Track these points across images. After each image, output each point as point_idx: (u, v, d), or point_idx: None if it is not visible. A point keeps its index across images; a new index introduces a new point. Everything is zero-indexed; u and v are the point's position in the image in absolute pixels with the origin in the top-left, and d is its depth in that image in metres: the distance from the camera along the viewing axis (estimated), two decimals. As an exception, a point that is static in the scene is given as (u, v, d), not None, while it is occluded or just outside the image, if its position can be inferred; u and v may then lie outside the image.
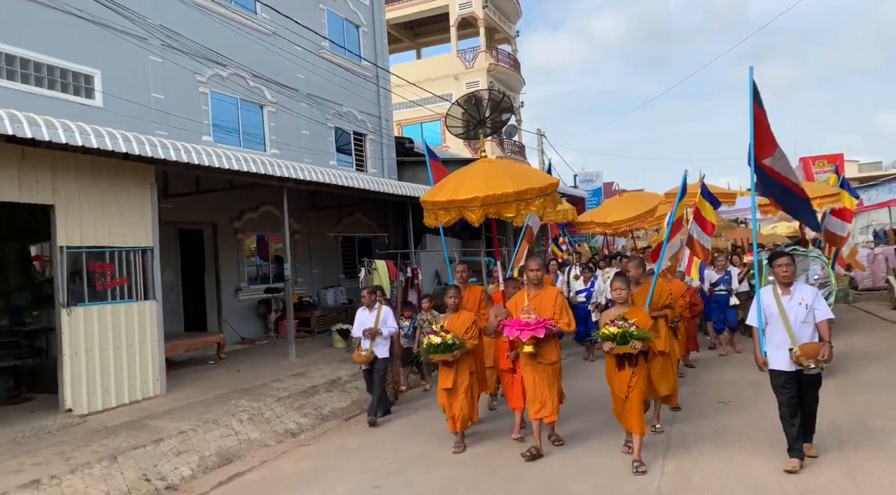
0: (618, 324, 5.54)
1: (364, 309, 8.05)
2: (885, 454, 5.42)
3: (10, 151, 6.80)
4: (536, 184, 6.52)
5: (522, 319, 5.86)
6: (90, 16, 10.71)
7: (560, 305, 6.08)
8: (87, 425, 7.12)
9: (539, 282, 6.23)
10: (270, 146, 14.64)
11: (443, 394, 6.54)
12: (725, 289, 10.89)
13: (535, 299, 6.06)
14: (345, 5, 17.75)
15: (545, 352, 5.99)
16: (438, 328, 6.50)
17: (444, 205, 6.59)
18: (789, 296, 5.37)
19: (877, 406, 6.92)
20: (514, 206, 6.43)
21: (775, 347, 5.37)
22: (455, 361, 6.43)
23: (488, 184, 6.40)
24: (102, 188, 7.82)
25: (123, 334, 7.94)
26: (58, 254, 7.30)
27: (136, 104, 11.42)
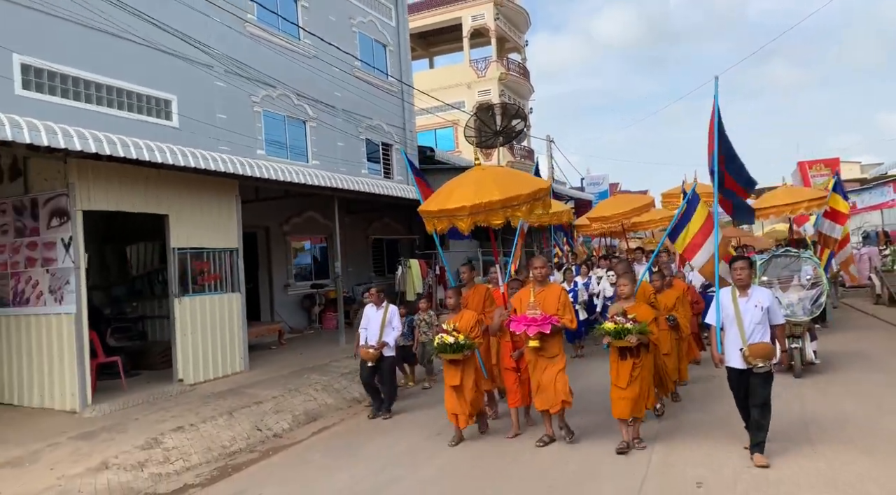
0: (616, 319, 5.91)
1: (371, 305, 8.30)
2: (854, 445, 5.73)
3: (140, 172, 8.52)
4: (524, 190, 6.68)
5: (528, 315, 6.10)
6: (169, 48, 12.41)
7: (563, 302, 6.28)
8: (197, 391, 8.85)
9: (544, 280, 6.47)
10: (312, 157, 16.35)
11: (450, 391, 6.67)
12: None
13: (540, 295, 6.26)
14: (374, 27, 19.45)
15: (549, 347, 6.20)
16: (451, 328, 6.61)
17: (435, 214, 6.86)
18: (746, 299, 5.59)
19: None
20: (500, 213, 6.61)
21: (730, 346, 5.62)
22: (463, 360, 6.62)
23: (477, 192, 6.61)
24: (201, 200, 9.55)
25: (217, 320, 9.66)
26: (171, 254, 9.01)
27: (204, 124, 13.13)
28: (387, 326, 8.03)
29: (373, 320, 8.14)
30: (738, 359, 5.50)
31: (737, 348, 5.51)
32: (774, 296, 5.93)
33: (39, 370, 7.96)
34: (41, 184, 7.99)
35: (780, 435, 5.88)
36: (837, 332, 12.00)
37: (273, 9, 15.18)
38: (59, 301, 7.77)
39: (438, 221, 6.89)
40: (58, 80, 10.44)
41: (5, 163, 8.25)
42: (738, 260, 5.81)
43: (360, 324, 8.45)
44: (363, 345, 8.09)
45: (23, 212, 8.12)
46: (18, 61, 9.88)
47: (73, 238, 7.69)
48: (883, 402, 7.15)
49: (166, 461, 6.55)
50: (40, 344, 7.97)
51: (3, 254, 8.34)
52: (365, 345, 8.05)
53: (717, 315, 5.76)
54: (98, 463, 6.27)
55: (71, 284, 7.70)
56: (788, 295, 9.27)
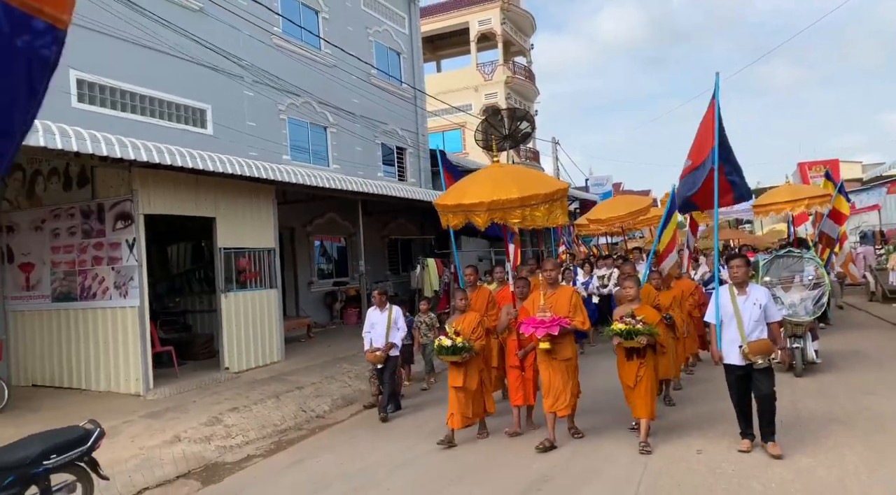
0: (625, 320, 5.97)
1: (375, 309, 8.31)
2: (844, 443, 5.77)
3: (190, 179, 9.40)
4: (542, 189, 6.61)
5: (538, 317, 6.12)
6: (204, 61, 13.30)
7: (575, 304, 6.29)
8: (242, 378, 9.74)
9: (555, 282, 6.47)
10: (332, 161, 17.23)
11: (451, 392, 6.67)
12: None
13: (550, 298, 6.27)
14: (389, 36, 20.32)
15: (560, 349, 6.18)
16: (452, 331, 6.62)
17: (451, 208, 6.77)
18: (745, 297, 5.67)
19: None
20: (518, 212, 6.50)
21: (729, 343, 5.69)
22: (465, 362, 6.61)
23: (495, 189, 6.54)
24: (243, 203, 10.42)
25: (257, 314, 10.54)
26: (218, 253, 9.89)
27: (235, 131, 14.01)
28: (392, 327, 8.09)
29: (377, 323, 8.17)
30: (736, 356, 5.57)
31: (735, 345, 5.58)
32: (771, 294, 5.97)
33: (106, 357, 8.84)
34: (107, 190, 8.88)
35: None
36: (839, 332, 12.06)
37: (297, 21, 16.06)
38: (124, 295, 8.66)
39: (453, 216, 6.80)
40: (107, 93, 11.33)
41: (74, 171, 9.13)
42: (734, 258, 5.93)
43: (363, 329, 8.52)
44: (369, 349, 8.13)
45: (89, 216, 9.00)
46: (75, 77, 10.78)
47: (137, 239, 8.57)
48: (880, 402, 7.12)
49: (228, 436, 7.43)
50: (106, 334, 8.85)
51: (71, 254, 9.23)
52: (371, 349, 8.07)
53: (716, 313, 5.83)
54: (171, 436, 7.16)
55: (135, 280, 8.58)
56: (790, 295, 9.26)
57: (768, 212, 14.83)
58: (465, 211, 6.66)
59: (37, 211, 9.52)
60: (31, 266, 9.53)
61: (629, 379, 6.08)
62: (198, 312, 12.06)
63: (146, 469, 6.40)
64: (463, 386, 6.58)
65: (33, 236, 9.54)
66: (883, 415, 6.60)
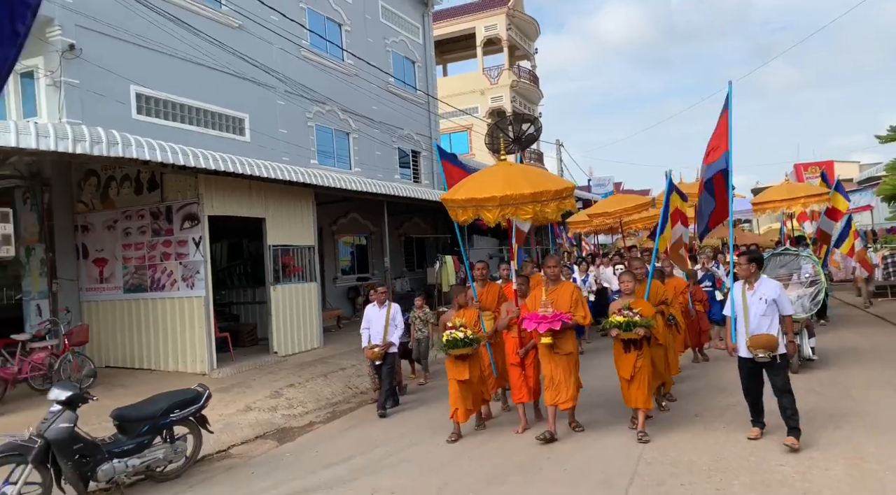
0: (624, 313, 6.18)
1: (374, 305, 8.37)
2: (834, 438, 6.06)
3: (245, 184, 10.60)
4: (552, 186, 6.74)
5: (540, 313, 6.20)
6: (241, 74, 14.47)
7: (576, 299, 6.40)
8: (289, 361, 10.94)
9: (556, 278, 6.56)
10: (354, 165, 18.43)
11: (455, 386, 6.69)
12: (711, 285, 11.14)
13: (552, 294, 6.37)
14: (405, 46, 21.51)
15: (561, 344, 6.27)
16: (459, 324, 6.67)
17: (462, 203, 6.75)
18: (752, 292, 5.90)
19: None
20: (530, 207, 6.54)
21: (739, 337, 5.95)
22: (470, 355, 6.67)
23: (507, 185, 6.57)
24: (287, 205, 11.62)
25: (300, 304, 11.74)
26: (267, 250, 11.08)
27: (269, 137, 15.20)
28: (390, 325, 8.15)
29: (375, 320, 8.23)
30: (745, 348, 5.83)
31: (743, 339, 5.85)
32: (782, 288, 6.07)
33: (174, 341, 10.04)
34: (174, 194, 10.07)
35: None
36: (836, 329, 12.21)
37: (322, 34, 17.24)
38: (191, 287, 9.85)
39: (463, 211, 6.77)
40: (161, 105, 12.52)
41: (144, 177, 10.32)
42: (739, 256, 6.22)
43: (361, 326, 8.54)
44: (367, 346, 8.20)
45: (158, 216, 10.20)
46: (134, 91, 11.96)
47: (202, 237, 9.77)
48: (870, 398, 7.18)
49: (290, 406, 8.64)
50: (174, 321, 10.05)
51: (141, 250, 10.42)
52: (370, 345, 8.14)
53: (731, 307, 6.06)
54: (243, 406, 8.36)
55: (200, 274, 9.78)
56: (788, 292, 8.71)
57: (765, 209, 14.99)
58: (476, 206, 6.64)
59: (109, 212, 10.71)
60: (105, 261, 10.73)
61: (626, 372, 6.22)
62: (241, 304, 13.26)
63: (229, 431, 7.59)
64: (468, 379, 6.65)
65: (106, 234, 10.74)
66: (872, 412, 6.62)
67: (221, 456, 6.99)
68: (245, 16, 14.26)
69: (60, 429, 5.31)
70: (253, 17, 14.31)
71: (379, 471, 5.99)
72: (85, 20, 11.08)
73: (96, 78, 11.09)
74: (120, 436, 5.84)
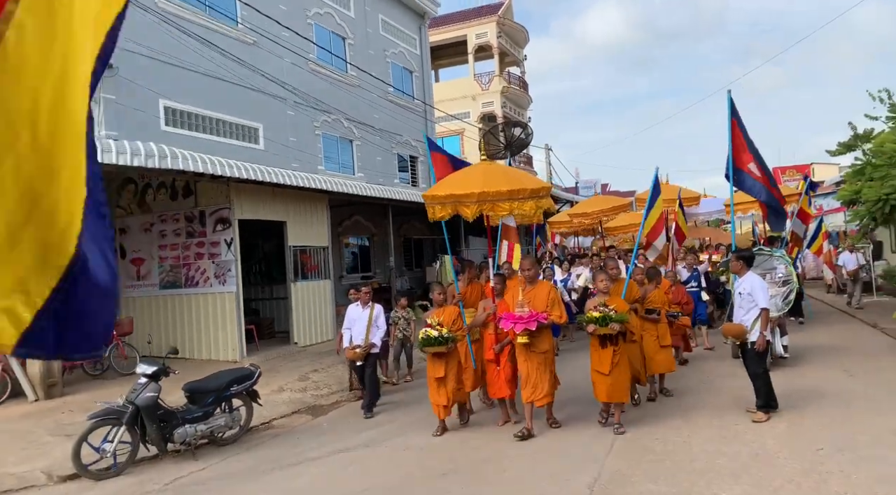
0: (600, 309, 6.40)
1: (356, 305, 8.26)
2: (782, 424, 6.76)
3: (269, 191, 11.73)
4: (529, 185, 7.04)
5: (516, 313, 6.34)
6: (255, 86, 15.57)
7: (552, 299, 6.56)
8: (309, 351, 12.08)
9: (533, 279, 6.69)
10: (357, 170, 19.58)
11: (433, 384, 6.85)
12: (697, 285, 11.24)
13: (529, 294, 6.50)
14: (403, 57, 22.69)
15: (538, 342, 6.43)
16: (435, 323, 6.79)
17: (442, 199, 6.95)
18: (737, 285, 6.76)
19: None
20: (507, 204, 6.81)
21: None
22: (447, 353, 6.82)
23: (486, 182, 6.84)
24: (304, 210, 12.75)
25: (316, 300, 12.88)
26: (288, 251, 12.21)
27: (281, 145, 16.31)
28: (373, 326, 8.06)
29: (358, 320, 8.13)
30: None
31: None
32: (759, 282, 6.73)
33: (207, 332, 11.14)
34: (207, 200, 11.18)
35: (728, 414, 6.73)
36: (810, 327, 12.55)
37: (328, 48, 18.38)
38: (223, 283, 10.97)
39: (442, 208, 6.95)
40: (185, 117, 13.61)
41: (179, 185, 11.42)
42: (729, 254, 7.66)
43: (343, 325, 8.50)
44: (348, 346, 8.12)
45: (192, 220, 11.30)
46: (162, 105, 13.05)
47: (234, 239, 10.89)
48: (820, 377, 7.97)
49: (317, 388, 9.78)
50: (207, 313, 11.15)
51: (176, 250, 11.52)
52: (351, 346, 8.05)
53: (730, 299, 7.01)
54: (276, 388, 9.51)
55: (232, 271, 10.90)
56: None
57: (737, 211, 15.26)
58: (455, 201, 6.85)
59: (146, 216, 11.81)
60: (142, 260, 11.82)
61: (603, 367, 6.40)
62: (259, 300, 14.38)
63: (269, 407, 8.71)
64: (444, 377, 6.80)
65: (143, 236, 11.83)
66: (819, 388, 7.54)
67: (265, 427, 8.12)
68: (259, 32, 15.37)
69: (147, 398, 6.45)
70: (265, 33, 15.41)
71: (407, 434, 7.16)
72: (120, 41, 12.13)
73: (129, 93, 12.17)
74: (190, 406, 6.97)
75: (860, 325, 13.25)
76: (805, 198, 13.20)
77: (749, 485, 4.92)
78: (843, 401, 7.16)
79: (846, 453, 5.46)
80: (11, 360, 8.76)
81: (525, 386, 6.52)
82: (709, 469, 5.35)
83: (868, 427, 6.15)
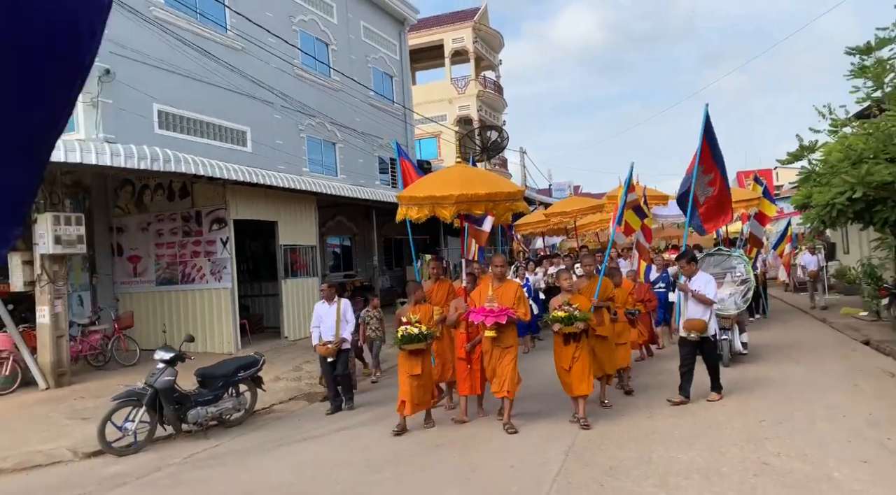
0: (564, 309, 6.65)
1: (323, 302, 8.27)
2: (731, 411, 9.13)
3: (261, 192, 12.35)
4: (505, 188, 7.32)
5: (486, 307, 6.60)
6: (244, 91, 16.14)
7: (519, 297, 6.83)
8: (298, 344, 12.72)
9: (502, 276, 6.98)
10: (340, 172, 20.22)
11: (407, 381, 6.89)
12: (665, 286, 11.43)
13: (498, 291, 6.75)
14: (384, 62, 23.38)
15: (504, 337, 6.72)
16: (414, 320, 6.87)
17: (420, 200, 7.13)
18: (690, 284, 7.47)
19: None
20: (483, 206, 7.10)
21: (680, 320, 7.49)
22: (423, 350, 6.96)
23: (463, 185, 7.06)
24: (294, 210, 13.40)
25: (304, 296, 13.52)
26: (279, 249, 12.85)
27: (268, 147, 16.89)
28: (342, 321, 8.11)
29: (326, 317, 8.14)
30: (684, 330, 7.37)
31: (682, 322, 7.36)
32: (708, 280, 7.51)
33: (203, 326, 11.73)
34: (204, 200, 11.77)
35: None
36: (765, 324, 13.31)
37: (312, 53, 19.00)
38: (219, 280, 11.57)
39: (419, 209, 7.11)
40: (177, 120, 14.14)
41: (176, 186, 11.99)
42: (680, 258, 7.78)
43: (311, 323, 8.44)
44: (319, 343, 8.12)
45: (189, 220, 11.88)
46: (156, 109, 13.57)
47: (229, 238, 11.50)
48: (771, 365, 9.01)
49: (311, 377, 10.44)
50: (203, 308, 11.74)
51: (172, 249, 12.08)
52: (322, 342, 8.07)
53: (678, 297, 7.64)
54: (273, 377, 10.15)
55: (227, 268, 11.51)
56: (722, 290, 9.80)
57: None
58: (433, 203, 7.03)
59: (144, 216, 12.35)
60: (139, 258, 12.35)
61: (566, 363, 6.69)
62: (248, 297, 14.95)
63: (268, 394, 9.33)
64: (421, 373, 6.88)
65: (140, 235, 12.36)
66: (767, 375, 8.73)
67: (266, 411, 8.78)
68: (247, 39, 15.94)
69: (165, 381, 7.08)
70: (253, 39, 15.99)
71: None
72: (116, 47, 12.67)
73: (125, 97, 12.68)
74: (201, 390, 7.61)
75: (811, 321, 14.36)
76: (764, 200, 13.66)
77: (701, 449, 5.78)
78: (787, 385, 8.13)
79: (784, 424, 6.37)
80: (23, 351, 9.27)
81: (492, 380, 6.82)
82: (668, 437, 6.21)
83: (805, 404, 7.09)
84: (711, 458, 5.53)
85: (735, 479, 5.03)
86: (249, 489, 5.69)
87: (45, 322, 9.11)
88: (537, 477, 5.39)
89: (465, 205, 7.05)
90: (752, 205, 13.65)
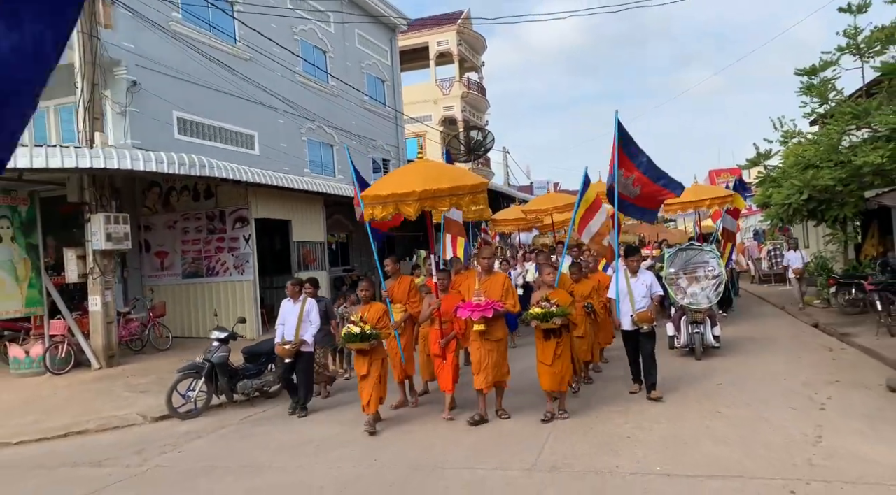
0: (541, 305, 6.64)
1: (289, 300, 7.93)
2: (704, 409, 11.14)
3: (277, 193, 13.59)
4: (468, 182, 7.16)
5: (473, 302, 6.54)
6: (251, 97, 17.29)
7: (507, 289, 6.87)
8: (311, 331, 13.97)
9: (489, 269, 7.01)
10: (337, 173, 21.46)
11: (360, 380, 6.97)
12: None
13: (485, 284, 6.75)
14: (377, 68, 24.63)
15: (493, 330, 6.68)
16: (358, 319, 6.76)
17: (383, 199, 6.91)
18: (636, 279, 7.57)
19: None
20: (447, 201, 6.94)
21: (623, 314, 7.53)
22: (370, 350, 6.82)
23: (426, 180, 6.91)
24: (306, 209, 14.65)
25: (315, 288, 14.77)
26: (293, 245, 14.10)
27: (273, 150, 18.09)
28: (304, 321, 7.72)
29: (290, 316, 7.81)
30: (628, 323, 7.48)
31: (628, 315, 7.49)
32: (654, 275, 7.97)
33: (227, 314, 12.92)
34: (227, 201, 12.98)
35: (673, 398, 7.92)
36: (741, 318, 13.84)
37: (311, 61, 20.22)
38: (242, 273, 12.80)
39: (382, 208, 6.92)
40: (194, 126, 15.30)
41: (201, 188, 13.18)
42: (631, 254, 7.90)
43: (277, 320, 8.14)
44: (279, 342, 7.82)
45: (213, 219, 13.09)
46: (176, 116, 14.72)
47: (251, 235, 12.74)
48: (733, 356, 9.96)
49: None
50: (227, 299, 12.95)
51: (197, 245, 13.27)
52: (282, 342, 7.77)
53: (616, 292, 7.63)
54: (296, 358, 11.40)
55: (250, 263, 12.75)
56: (693, 285, 10.15)
57: (676, 210, 16.42)
58: (396, 201, 6.84)
59: (170, 215, 13.51)
60: (165, 253, 13.52)
61: (547, 358, 6.71)
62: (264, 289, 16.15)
63: (294, 372, 10.65)
64: (367, 374, 6.83)
65: (167, 233, 13.53)
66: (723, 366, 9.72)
67: (296, 386, 10.05)
68: (254, 49, 17.11)
69: (221, 356, 8.35)
70: (260, 49, 17.16)
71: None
72: (142, 60, 13.80)
73: (149, 105, 13.82)
74: (247, 364, 8.87)
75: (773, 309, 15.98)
76: (736, 195, 14.23)
77: (669, 405, 7.21)
78: (743, 357, 9.65)
79: (735, 385, 7.86)
80: (77, 335, 10.44)
81: (477, 373, 6.72)
82: (640, 398, 7.63)
83: (755, 371, 8.61)
84: (676, 410, 6.98)
85: (695, 423, 6.47)
86: (307, 438, 6.98)
87: (98, 309, 10.29)
88: (536, 430, 6.60)
89: (428, 202, 6.92)
90: (727, 202, 14.20)
